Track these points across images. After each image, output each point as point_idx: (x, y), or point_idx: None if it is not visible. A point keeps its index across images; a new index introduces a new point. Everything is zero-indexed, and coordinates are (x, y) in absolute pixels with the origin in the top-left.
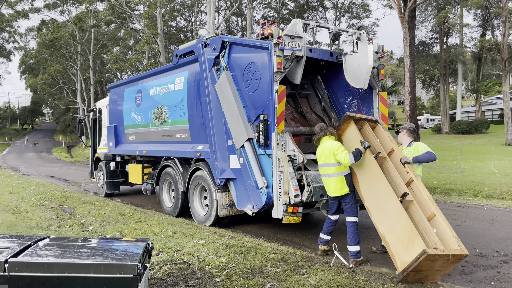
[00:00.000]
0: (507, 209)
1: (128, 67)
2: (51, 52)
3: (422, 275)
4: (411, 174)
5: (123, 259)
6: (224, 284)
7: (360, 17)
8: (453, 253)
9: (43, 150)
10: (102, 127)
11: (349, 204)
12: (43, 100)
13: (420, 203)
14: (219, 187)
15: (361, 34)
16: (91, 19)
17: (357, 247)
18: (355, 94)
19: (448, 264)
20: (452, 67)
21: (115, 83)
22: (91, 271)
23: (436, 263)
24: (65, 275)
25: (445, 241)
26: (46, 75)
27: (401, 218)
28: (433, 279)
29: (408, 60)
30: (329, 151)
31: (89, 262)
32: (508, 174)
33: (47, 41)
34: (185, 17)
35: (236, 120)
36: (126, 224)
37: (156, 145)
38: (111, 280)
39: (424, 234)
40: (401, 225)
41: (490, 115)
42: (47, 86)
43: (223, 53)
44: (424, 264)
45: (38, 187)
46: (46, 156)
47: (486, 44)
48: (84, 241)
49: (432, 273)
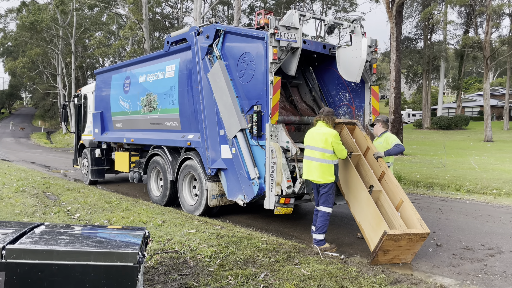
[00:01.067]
0: (489, 203)
1: (111, 53)
2: (31, 35)
3: (391, 255)
4: (384, 167)
5: (123, 247)
6: (217, 273)
7: (347, 10)
8: (413, 232)
9: (21, 135)
10: (87, 113)
11: (327, 194)
12: (22, 84)
13: (391, 192)
14: (210, 177)
15: (356, 27)
16: (73, 2)
17: (321, 236)
18: (347, 87)
19: (413, 243)
20: (434, 64)
21: (102, 68)
22: (91, 259)
23: (400, 243)
24: (65, 262)
25: (410, 223)
26: (26, 58)
27: (370, 206)
28: (404, 259)
29: (394, 55)
30: (325, 136)
31: (89, 249)
32: (488, 170)
33: (28, 23)
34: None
35: (229, 110)
36: (114, 212)
37: (144, 133)
38: (112, 268)
39: (392, 218)
40: (370, 213)
41: (470, 111)
42: (27, 69)
43: (217, 42)
44: (388, 244)
45: (19, 173)
46: (25, 142)
47: (469, 42)
48: (82, 229)
49: (401, 253)
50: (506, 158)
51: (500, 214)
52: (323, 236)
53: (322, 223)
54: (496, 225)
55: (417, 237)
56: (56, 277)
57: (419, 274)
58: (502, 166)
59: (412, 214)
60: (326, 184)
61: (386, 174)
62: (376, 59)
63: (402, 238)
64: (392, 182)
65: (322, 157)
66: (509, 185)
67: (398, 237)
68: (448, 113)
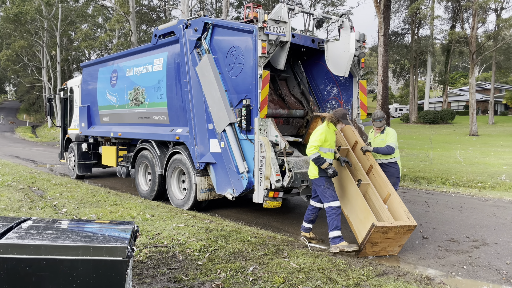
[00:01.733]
0: (474, 196)
1: (98, 46)
2: (15, 27)
3: (379, 248)
4: (371, 161)
5: (112, 242)
6: (206, 267)
7: (335, 4)
8: (401, 224)
9: (6, 129)
10: (73, 107)
11: (320, 189)
12: (6, 77)
13: (379, 185)
14: (199, 171)
15: (344, 21)
16: None
17: (334, 232)
18: (335, 81)
19: (400, 235)
20: (422, 58)
21: (88, 62)
22: (79, 253)
23: (388, 235)
24: (53, 257)
25: (397, 215)
26: (10, 51)
27: (358, 199)
28: (392, 251)
29: (382, 49)
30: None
31: (77, 244)
32: (473, 164)
33: (12, 15)
34: None
35: (217, 104)
36: (101, 207)
37: (132, 127)
38: (100, 262)
39: (380, 211)
40: (358, 205)
41: (456, 106)
42: (11, 62)
43: (205, 35)
44: (376, 236)
45: (4, 167)
46: (9, 136)
47: (455, 37)
48: (69, 223)
49: (388, 245)
50: (491, 152)
51: (484, 206)
52: (336, 232)
53: (329, 219)
54: (481, 218)
55: (404, 230)
56: (44, 272)
57: (405, 266)
58: (487, 160)
59: (399, 207)
60: (316, 179)
61: (373, 168)
62: (364, 54)
63: (389, 230)
64: (379, 176)
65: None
66: (493, 178)
67: (386, 229)
68: (435, 108)
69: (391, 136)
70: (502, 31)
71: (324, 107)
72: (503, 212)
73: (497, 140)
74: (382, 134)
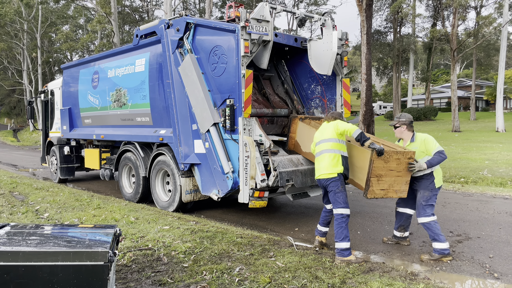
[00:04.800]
0: (457, 191)
1: (79, 47)
2: None
3: (385, 185)
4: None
5: (93, 246)
6: (192, 269)
7: (318, 3)
8: (399, 150)
9: None
10: (54, 109)
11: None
12: None
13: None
14: (183, 172)
15: (326, 20)
16: None
17: (343, 244)
18: (319, 80)
19: (403, 166)
20: (404, 56)
21: (69, 63)
22: (59, 259)
23: (390, 164)
24: (31, 263)
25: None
26: None
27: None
28: (400, 191)
29: (365, 48)
30: (331, 126)
31: (57, 249)
32: (456, 159)
33: None
34: None
35: (201, 104)
36: (85, 211)
37: (114, 129)
38: (81, 268)
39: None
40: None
41: (438, 103)
42: None
43: (188, 35)
44: (379, 166)
45: None
46: None
47: (436, 35)
48: (49, 228)
49: (394, 181)
50: (473, 147)
51: (467, 201)
52: (345, 244)
53: (337, 227)
54: (464, 212)
55: (405, 157)
56: (23, 279)
57: (390, 262)
58: (469, 155)
59: (393, 145)
60: (332, 179)
61: None
62: (347, 52)
63: (390, 157)
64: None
65: (330, 147)
66: (475, 173)
67: (387, 155)
68: (418, 105)
69: (431, 142)
70: (482, 28)
71: (308, 105)
72: (485, 206)
73: (479, 135)
74: (414, 142)
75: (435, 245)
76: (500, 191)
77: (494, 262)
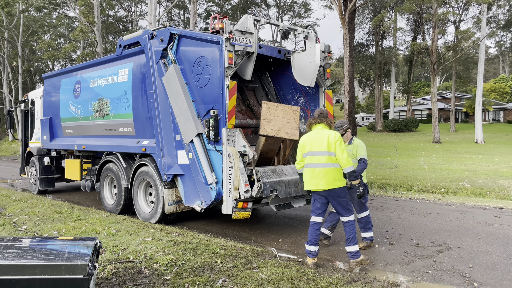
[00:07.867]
0: (438, 202)
1: (61, 57)
2: None
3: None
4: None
5: (72, 259)
6: (174, 281)
7: (302, 16)
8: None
9: None
10: (34, 119)
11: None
12: None
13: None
14: (166, 183)
15: (309, 33)
16: (20, 4)
17: (356, 247)
18: (302, 91)
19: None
20: (386, 68)
21: (50, 72)
22: (37, 273)
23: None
24: (8, 277)
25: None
26: None
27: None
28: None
29: (348, 60)
30: (328, 139)
31: (34, 263)
32: (437, 170)
33: None
34: (125, 6)
35: (185, 114)
36: (64, 223)
37: (96, 140)
38: (60, 281)
39: None
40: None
41: (419, 114)
42: None
43: (171, 46)
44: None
45: None
46: None
47: (417, 48)
48: (27, 241)
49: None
50: (453, 158)
51: (447, 212)
52: (357, 246)
53: (351, 232)
54: (444, 223)
55: (290, 110)
56: None
57: (373, 273)
58: (449, 166)
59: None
60: (339, 189)
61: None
62: (330, 64)
63: (276, 108)
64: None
65: (330, 161)
66: (455, 184)
67: (273, 106)
68: (399, 116)
69: (361, 149)
70: (461, 42)
71: None
72: (465, 216)
73: (459, 147)
74: (350, 145)
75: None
76: (479, 201)
77: (474, 271)
